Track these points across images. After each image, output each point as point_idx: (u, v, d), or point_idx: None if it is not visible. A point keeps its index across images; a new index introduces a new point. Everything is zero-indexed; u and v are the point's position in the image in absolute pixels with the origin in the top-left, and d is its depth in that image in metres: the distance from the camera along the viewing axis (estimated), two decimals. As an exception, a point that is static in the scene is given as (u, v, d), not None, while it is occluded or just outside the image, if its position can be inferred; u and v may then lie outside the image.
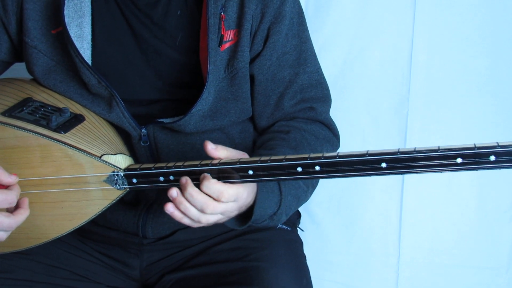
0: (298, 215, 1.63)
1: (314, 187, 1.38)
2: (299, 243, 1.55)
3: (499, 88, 1.87)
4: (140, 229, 1.44)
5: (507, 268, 1.97)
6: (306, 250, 1.56)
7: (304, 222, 1.75)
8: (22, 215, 1.20)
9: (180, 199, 1.14)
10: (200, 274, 1.42)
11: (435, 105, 1.90)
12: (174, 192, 1.14)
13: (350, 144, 1.90)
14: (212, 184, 1.12)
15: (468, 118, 1.89)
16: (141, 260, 1.48)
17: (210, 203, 1.12)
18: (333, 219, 2.04)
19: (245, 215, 1.22)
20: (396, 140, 1.93)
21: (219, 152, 1.15)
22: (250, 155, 1.40)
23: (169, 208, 1.15)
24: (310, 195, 1.39)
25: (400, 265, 2.01)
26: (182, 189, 1.14)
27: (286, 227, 1.53)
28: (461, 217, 1.96)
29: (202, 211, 1.13)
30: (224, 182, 1.14)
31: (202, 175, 1.14)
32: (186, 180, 1.14)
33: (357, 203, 2.01)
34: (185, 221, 1.16)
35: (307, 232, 1.87)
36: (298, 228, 1.61)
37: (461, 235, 1.98)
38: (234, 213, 1.19)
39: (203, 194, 1.12)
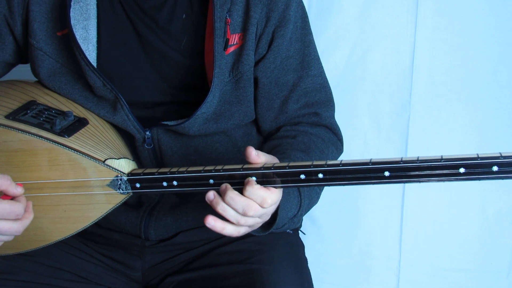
0: (300, 218, 1.64)
1: (321, 189, 1.39)
2: (300, 246, 1.55)
3: (501, 93, 1.87)
4: (143, 231, 1.44)
5: (507, 272, 1.97)
6: (307, 252, 1.56)
7: (305, 225, 1.75)
8: (27, 219, 1.22)
9: (217, 200, 1.12)
10: (202, 277, 1.42)
11: (437, 109, 1.90)
12: (210, 194, 1.13)
13: (351, 147, 1.90)
14: (256, 190, 1.11)
15: (470, 123, 1.89)
16: (143, 262, 1.48)
17: (252, 205, 1.11)
18: (334, 222, 2.04)
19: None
20: (398, 144, 1.93)
21: (260, 158, 1.15)
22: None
23: (210, 221, 1.13)
24: (319, 197, 1.41)
25: (401, 269, 2.01)
26: (222, 194, 1.12)
27: (288, 230, 1.53)
28: (462, 221, 1.97)
29: (244, 214, 1.11)
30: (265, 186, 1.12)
31: (246, 180, 1.13)
32: (225, 186, 1.13)
33: (358, 206, 2.01)
34: (230, 229, 1.14)
35: (308, 234, 1.87)
36: (299, 231, 1.61)
37: (462, 238, 1.98)
38: (268, 217, 1.18)
39: (244, 197, 1.11)
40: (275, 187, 1.13)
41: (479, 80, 1.87)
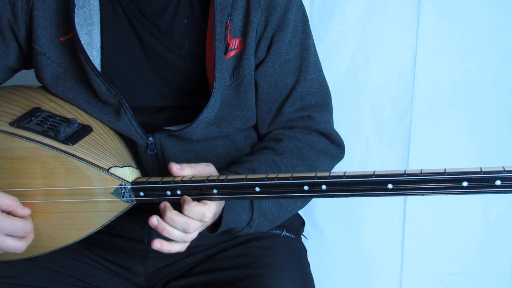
0: (302, 222, 1.63)
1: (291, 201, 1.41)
2: (303, 251, 1.56)
3: (503, 97, 1.87)
4: (146, 236, 1.44)
5: (509, 276, 1.98)
6: (310, 257, 1.56)
7: (307, 230, 1.76)
8: (30, 239, 1.30)
9: (162, 225, 1.20)
10: (204, 281, 1.43)
11: (439, 114, 1.90)
12: (154, 220, 1.20)
13: (353, 152, 1.91)
14: (193, 207, 1.17)
15: (472, 127, 1.90)
16: (146, 267, 1.48)
17: (191, 223, 1.18)
18: (337, 227, 2.05)
19: (216, 222, 1.29)
20: (400, 149, 1.94)
21: (184, 171, 1.22)
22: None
23: (156, 245, 1.22)
24: (305, 204, 1.43)
25: (403, 273, 2.01)
26: (162, 214, 1.20)
27: (290, 235, 1.53)
28: (464, 225, 1.97)
29: (185, 231, 1.19)
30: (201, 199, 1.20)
31: (182, 199, 1.19)
32: (164, 205, 1.20)
33: (360, 210, 2.02)
34: (176, 247, 1.22)
35: (310, 239, 1.87)
36: (302, 236, 1.62)
37: (464, 243, 1.98)
38: (210, 222, 1.26)
39: (182, 215, 1.18)
40: (211, 199, 1.20)
41: (481, 85, 1.87)
